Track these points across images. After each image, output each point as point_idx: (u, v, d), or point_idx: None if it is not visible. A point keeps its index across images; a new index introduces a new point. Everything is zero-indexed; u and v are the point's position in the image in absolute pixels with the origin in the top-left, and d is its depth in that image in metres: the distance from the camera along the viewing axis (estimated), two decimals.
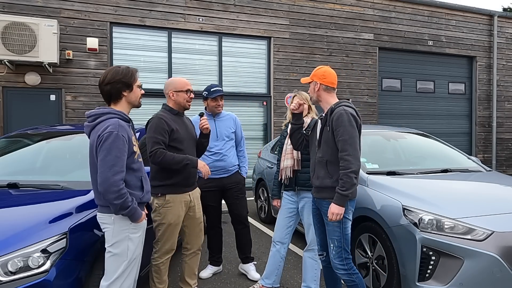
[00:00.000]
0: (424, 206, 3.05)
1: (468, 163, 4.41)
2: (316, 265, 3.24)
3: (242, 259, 3.95)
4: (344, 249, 2.65)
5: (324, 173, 2.69)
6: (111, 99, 2.34)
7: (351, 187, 2.54)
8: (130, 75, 2.33)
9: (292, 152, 3.19)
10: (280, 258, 3.36)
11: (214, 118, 3.75)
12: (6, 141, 3.70)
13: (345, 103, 2.73)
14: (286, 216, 3.34)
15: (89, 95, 7.37)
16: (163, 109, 3.11)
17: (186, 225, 3.16)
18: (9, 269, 2.08)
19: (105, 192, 2.12)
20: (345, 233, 2.66)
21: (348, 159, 2.53)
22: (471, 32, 10.76)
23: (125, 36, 7.82)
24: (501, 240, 2.77)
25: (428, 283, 2.85)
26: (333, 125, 2.62)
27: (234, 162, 3.81)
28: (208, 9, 8.25)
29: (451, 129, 10.73)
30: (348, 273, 2.67)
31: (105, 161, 2.13)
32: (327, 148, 2.68)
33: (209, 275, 3.85)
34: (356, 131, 2.62)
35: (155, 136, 2.90)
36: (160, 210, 2.98)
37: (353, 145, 2.56)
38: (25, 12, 6.91)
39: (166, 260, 3.07)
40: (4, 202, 2.66)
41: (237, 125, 3.89)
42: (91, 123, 2.26)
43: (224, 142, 3.74)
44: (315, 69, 2.91)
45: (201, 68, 8.39)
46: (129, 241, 2.26)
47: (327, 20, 9.25)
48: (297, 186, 3.23)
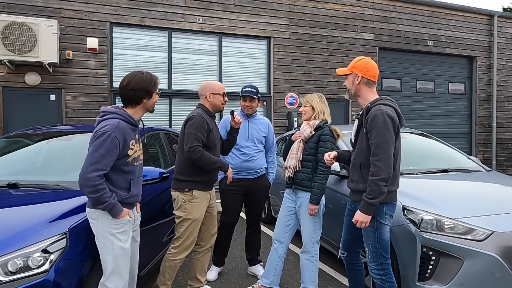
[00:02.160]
0: (424, 206, 3.05)
1: (468, 163, 4.41)
2: (313, 266, 3.22)
3: (249, 261, 3.97)
4: (380, 254, 2.54)
5: (357, 177, 2.57)
6: (130, 103, 2.42)
7: (378, 196, 2.39)
8: (153, 84, 2.44)
9: (297, 152, 3.19)
10: (277, 257, 3.32)
11: (248, 119, 3.76)
12: (6, 141, 3.69)
13: (383, 101, 2.53)
14: (285, 214, 3.33)
15: (89, 95, 7.37)
16: (201, 109, 3.20)
17: (203, 222, 3.23)
18: (9, 269, 2.08)
19: (81, 185, 2.21)
20: (380, 238, 2.52)
21: (378, 165, 2.37)
22: (471, 32, 10.76)
23: (125, 36, 7.82)
24: (501, 240, 2.77)
25: (428, 283, 2.85)
26: (368, 126, 2.45)
27: (262, 164, 3.80)
28: (208, 9, 8.24)
29: (451, 129, 10.73)
30: (382, 278, 2.56)
31: (90, 156, 2.22)
32: (361, 150, 2.54)
33: (215, 277, 3.83)
34: (391, 134, 2.42)
35: (196, 133, 2.99)
36: (186, 205, 3.06)
37: (386, 150, 2.38)
38: (25, 12, 6.90)
39: (184, 256, 3.14)
40: (4, 202, 2.66)
41: (270, 131, 3.90)
42: (99, 118, 2.37)
43: (254, 144, 3.73)
44: (355, 60, 2.68)
45: (201, 68, 8.39)
46: (113, 236, 2.30)
47: (327, 20, 9.25)
48: (294, 184, 3.23)
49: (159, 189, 3.53)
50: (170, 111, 8.12)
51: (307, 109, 3.23)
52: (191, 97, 7.98)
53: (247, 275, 3.94)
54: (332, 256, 4.23)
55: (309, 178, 3.15)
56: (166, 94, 8.01)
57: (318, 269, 3.26)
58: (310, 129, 3.15)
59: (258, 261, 3.97)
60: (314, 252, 3.21)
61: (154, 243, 3.46)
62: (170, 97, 8.09)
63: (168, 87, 8.08)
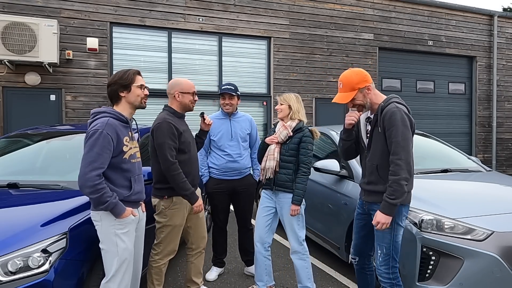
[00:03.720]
0: (424, 206, 3.05)
1: (468, 163, 4.41)
2: (306, 264, 3.22)
3: (245, 262, 3.96)
4: (392, 257, 2.48)
5: (375, 178, 2.50)
6: (112, 100, 2.46)
7: (401, 196, 2.33)
8: (126, 76, 2.42)
9: (274, 153, 3.17)
10: (263, 257, 3.31)
11: (229, 118, 3.71)
12: (6, 141, 3.70)
13: (395, 99, 2.48)
14: (264, 214, 3.31)
15: (89, 95, 7.37)
16: (167, 111, 3.04)
17: (190, 226, 3.17)
18: (9, 269, 2.08)
19: (81, 186, 2.21)
20: (395, 241, 2.47)
21: (400, 164, 2.31)
22: (471, 32, 10.75)
23: (125, 36, 7.82)
24: (501, 240, 2.77)
25: (428, 283, 2.85)
26: (385, 124, 2.38)
27: (247, 164, 3.76)
28: (208, 9, 8.24)
29: (451, 129, 10.72)
30: (392, 283, 2.50)
31: (86, 156, 2.23)
32: (376, 151, 2.48)
33: (215, 277, 3.82)
34: (409, 132, 2.39)
35: (167, 142, 2.84)
36: (166, 212, 2.96)
37: (406, 148, 2.33)
38: (25, 12, 6.90)
39: (168, 260, 3.07)
40: (4, 202, 2.66)
41: (253, 127, 3.84)
42: (90, 120, 2.39)
43: (238, 143, 3.68)
44: (347, 77, 2.52)
45: (201, 68, 8.39)
46: (117, 237, 2.29)
47: (327, 20, 9.24)
48: (275, 186, 3.21)
49: None
50: None
51: (283, 107, 3.23)
52: None
53: (247, 275, 3.94)
54: (332, 256, 4.23)
55: (291, 180, 3.15)
56: (166, 94, 7.98)
57: (311, 265, 3.26)
58: (287, 131, 3.16)
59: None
60: (304, 250, 3.21)
61: None
62: None
63: None
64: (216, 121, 3.66)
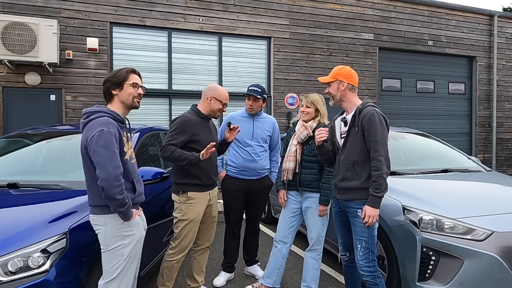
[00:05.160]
0: (424, 206, 3.05)
1: (468, 163, 4.41)
2: (317, 265, 3.25)
3: (246, 261, 3.96)
4: (371, 251, 2.63)
5: (351, 174, 2.66)
6: (106, 98, 2.41)
7: (385, 189, 2.54)
8: (119, 74, 2.36)
9: (295, 155, 3.18)
10: (281, 257, 3.34)
11: (253, 118, 3.72)
12: (6, 141, 3.69)
13: (371, 103, 2.72)
14: (289, 216, 3.33)
15: (89, 95, 7.37)
16: (191, 110, 3.19)
17: (202, 222, 3.21)
18: (9, 269, 2.08)
19: (109, 187, 2.09)
20: (373, 234, 2.64)
21: (381, 160, 2.53)
22: (471, 32, 10.75)
23: (125, 36, 7.81)
24: (501, 240, 2.77)
25: (428, 283, 2.85)
26: (364, 124, 2.59)
27: (265, 165, 3.73)
28: (208, 9, 8.24)
29: (451, 129, 10.72)
30: (373, 275, 2.64)
31: (103, 157, 2.11)
32: (353, 149, 2.65)
33: (223, 283, 3.72)
34: (386, 132, 2.63)
35: (172, 135, 3.01)
36: (181, 206, 3.04)
37: (385, 146, 2.57)
38: (25, 12, 6.90)
39: (181, 257, 3.12)
40: (4, 202, 2.66)
41: (275, 130, 3.84)
42: (84, 120, 2.29)
43: (258, 143, 3.67)
44: (338, 68, 2.84)
45: (201, 68, 8.39)
46: (124, 240, 2.25)
47: (327, 20, 9.24)
48: (301, 187, 3.22)
49: (159, 189, 3.52)
50: (170, 111, 8.10)
51: (311, 110, 3.21)
52: (191, 97, 7.97)
53: (247, 275, 3.94)
54: (332, 256, 4.23)
55: (316, 179, 3.17)
56: (166, 94, 8.00)
57: (320, 269, 3.27)
58: (307, 132, 3.16)
59: (256, 261, 3.96)
60: (320, 250, 3.26)
61: (154, 244, 3.45)
62: (170, 97, 8.08)
63: (168, 87, 8.07)
64: (240, 118, 3.68)
